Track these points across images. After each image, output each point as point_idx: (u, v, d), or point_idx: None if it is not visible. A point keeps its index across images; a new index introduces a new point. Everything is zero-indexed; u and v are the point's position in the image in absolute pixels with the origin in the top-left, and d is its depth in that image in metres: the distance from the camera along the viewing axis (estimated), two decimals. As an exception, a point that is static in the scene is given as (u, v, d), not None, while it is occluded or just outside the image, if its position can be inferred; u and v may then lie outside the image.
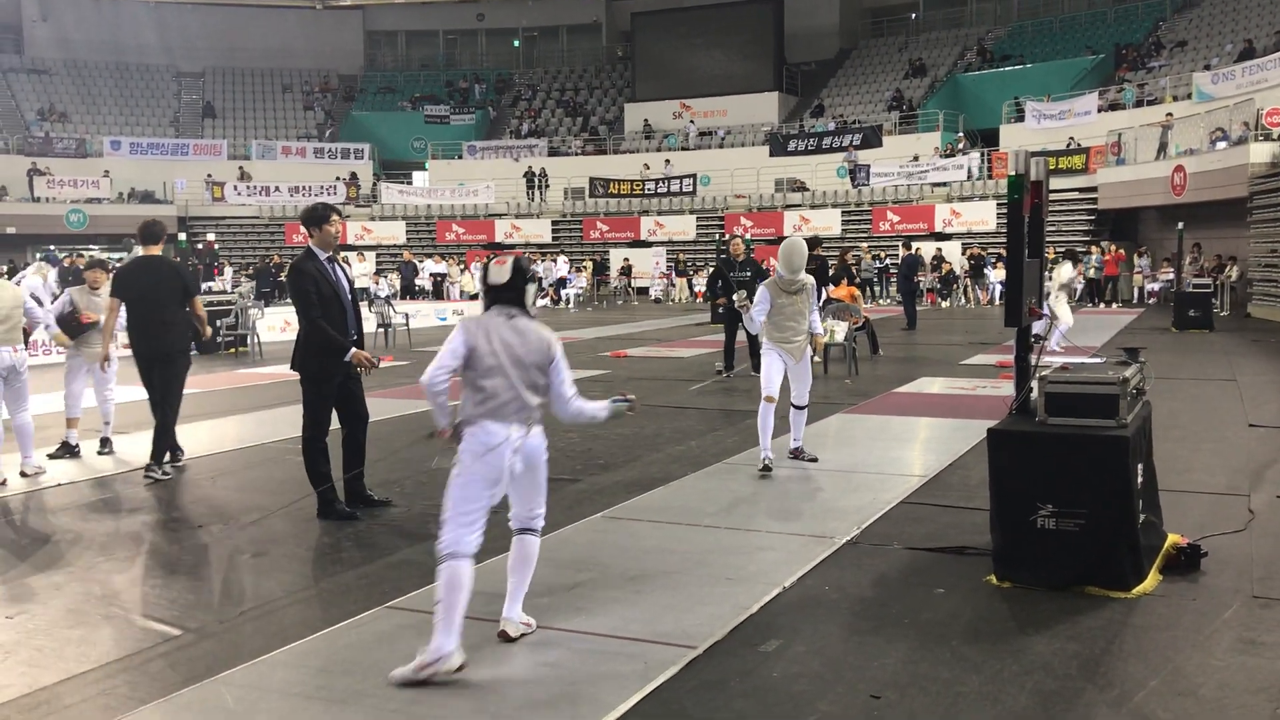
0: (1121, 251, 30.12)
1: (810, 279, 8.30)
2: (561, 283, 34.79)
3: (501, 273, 4.75)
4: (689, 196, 39.76)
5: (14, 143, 41.74)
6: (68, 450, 9.32)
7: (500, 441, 4.55)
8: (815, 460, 8.47)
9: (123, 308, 8.66)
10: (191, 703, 4.20)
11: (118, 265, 10.35)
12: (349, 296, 7.17)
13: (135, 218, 39.33)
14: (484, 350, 4.61)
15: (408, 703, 4.13)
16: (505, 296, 4.73)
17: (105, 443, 9.53)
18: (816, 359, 9.94)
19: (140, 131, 45.21)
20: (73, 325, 9.47)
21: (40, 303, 11.65)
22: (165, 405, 8.52)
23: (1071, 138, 33.57)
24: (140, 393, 8.83)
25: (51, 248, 27.79)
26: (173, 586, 5.76)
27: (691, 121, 44.06)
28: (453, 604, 4.38)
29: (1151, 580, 5.33)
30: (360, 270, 30.82)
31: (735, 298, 9.26)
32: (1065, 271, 16.60)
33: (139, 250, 9.12)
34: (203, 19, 48.82)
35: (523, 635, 4.80)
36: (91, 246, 39.33)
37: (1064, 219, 32.17)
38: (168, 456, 8.65)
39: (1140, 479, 5.43)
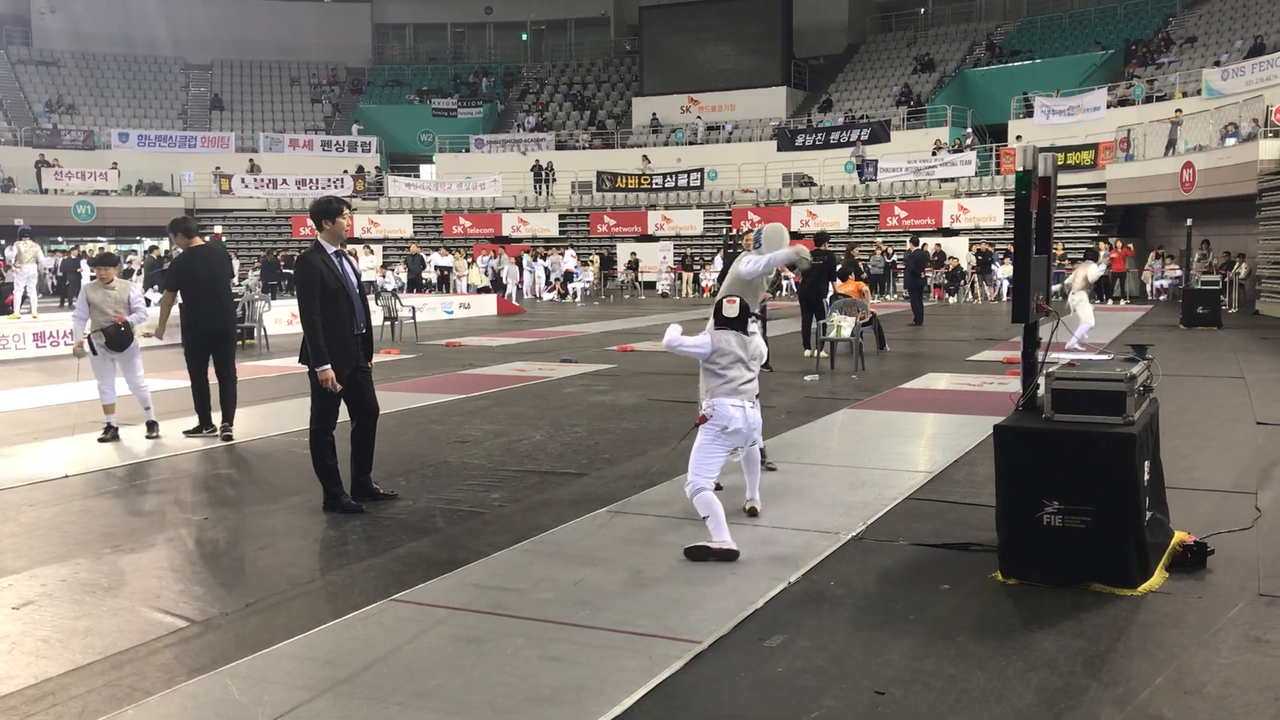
0: (1130, 248, 30.04)
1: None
2: (568, 276, 34.81)
3: (732, 309, 6.43)
4: (696, 191, 39.75)
5: (22, 134, 41.85)
6: (112, 433, 9.70)
7: (738, 413, 6.22)
8: (774, 469, 7.93)
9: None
10: (197, 694, 4.21)
11: (148, 258, 10.94)
12: (356, 290, 7.17)
13: (143, 210, 39.36)
14: (728, 353, 6.36)
15: (413, 695, 4.14)
16: (736, 323, 6.44)
17: (152, 426, 9.82)
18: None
19: (148, 123, 45.31)
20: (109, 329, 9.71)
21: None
22: (231, 375, 9.78)
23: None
24: (166, 383, 9.06)
25: (19, 221, 27.70)
26: (179, 578, 5.77)
27: (698, 117, 44.05)
28: (717, 513, 5.92)
29: (1158, 578, 5.32)
30: (368, 264, 30.84)
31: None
32: (1094, 271, 16.72)
33: (166, 244, 9.73)
34: (210, 11, 48.89)
35: (753, 509, 6.63)
36: (99, 238, 39.50)
37: (1072, 215, 32.10)
38: (201, 428, 9.78)
39: (1147, 476, 5.42)
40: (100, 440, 9.63)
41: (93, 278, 10.08)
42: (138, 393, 9.86)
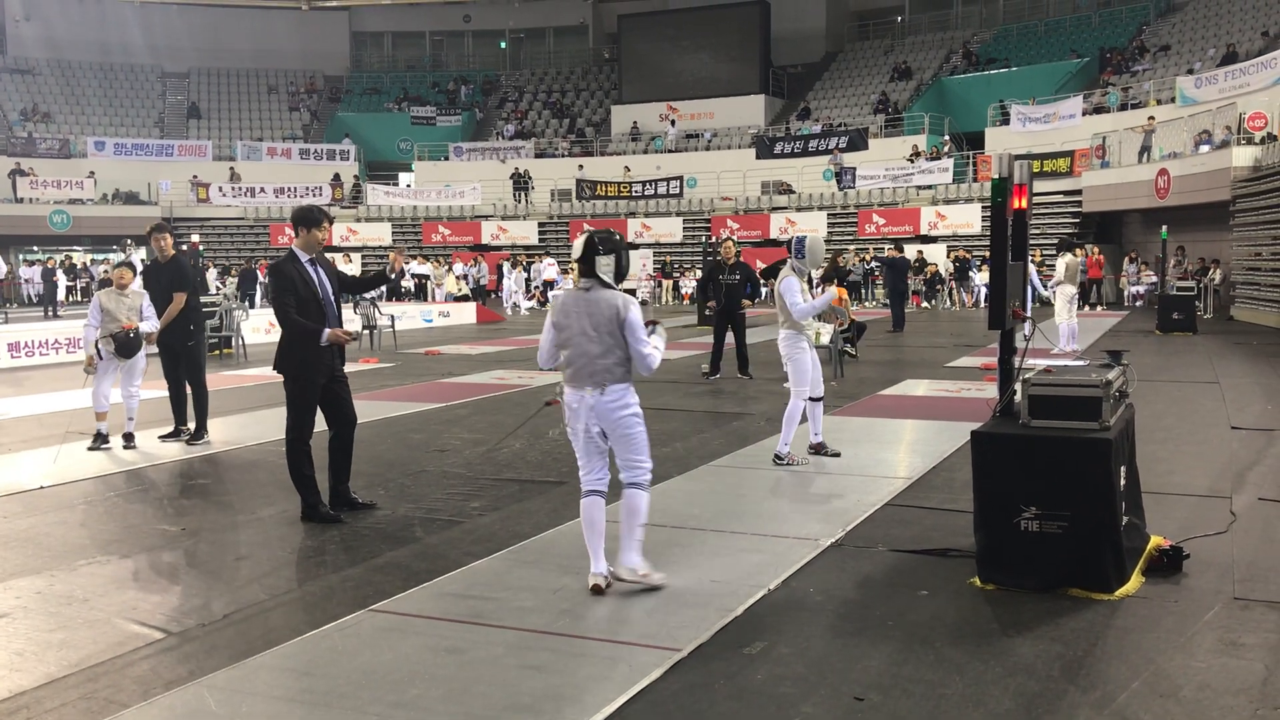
0: (1102, 256, 30.26)
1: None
2: (549, 284, 34.72)
3: (577, 247, 5.36)
4: (676, 199, 39.80)
5: (-4, 143, 41.57)
6: (102, 440, 9.73)
7: (577, 403, 5.34)
8: (839, 455, 8.76)
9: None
10: (174, 706, 4.17)
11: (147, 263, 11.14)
12: (331, 298, 7.15)
13: (119, 219, 39.23)
14: (562, 324, 5.33)
15: (390, 705, 4.12)
16: (582, 270, 5.33)
17: (129, 438, 9.78)
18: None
19: (125, 132, 45.07)
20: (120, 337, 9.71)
21: None
22: (196, 383, 10.05)
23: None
24: (148, 392, 9.18)
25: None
26: (155, 589, 5.73)
27: (672, 123, 44.09)
28: (588, 534, 5.36)
29: (1134, 582, 5.36)
30: (350, 271, 30.73)
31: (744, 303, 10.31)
32: (1072, 261, 16.91)
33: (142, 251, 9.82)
34: (188, 19, 48.68)
35: (634, 583, 5.33)
36: (75, 247, 39.23)
37: (1049, 222, 32.30)
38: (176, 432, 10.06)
39: (1123, 481, 5.45)
40: (89, 449, 9.61)
41: (102, 284, 10.11)
42: (128, 400, 9.84)
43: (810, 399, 8.72)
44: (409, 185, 45.02)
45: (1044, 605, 5.12)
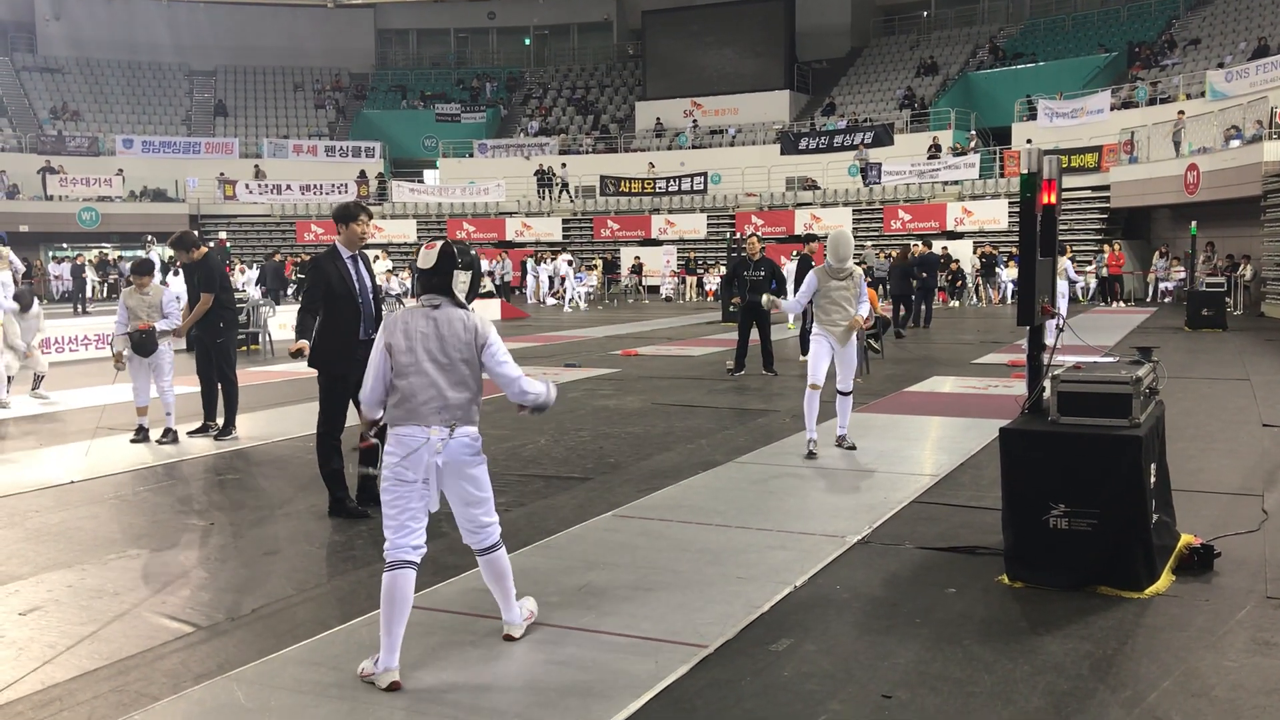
0: (1123, 253, 29.99)
1: (858, 269, 8.83)
2: (560, 280, 34.41)
3: (429, 257, 4.45)
4: (700, 195, 39.75)
5: (27, 141, 41.96)
6: (142, 435, 9.87)
7: (419, 444, 4.34)
8: (854, 449, 8.85)
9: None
10: (203, 699, 4.21)
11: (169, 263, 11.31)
12: (369, 295, 7.19)
13: (147, 216, 39.55)
14: (400, 348, 4.40)
15: (418, 699, 4.13)
16: (433, 283, 4.46)
17: (167, 433, 9.89)
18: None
19: (153, 130, 45.42)
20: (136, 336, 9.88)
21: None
22: (226, 379, 10.09)
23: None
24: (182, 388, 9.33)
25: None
26: (185, 584, 5.77)
27: (694, 122, 44.04)
28: (389, 618, 4.26)
29: (1164, 581, 5.31)
30: (379, 269, 30.87)
31: (764, 299, 10.27)
32: (1065, 264, 16.91)
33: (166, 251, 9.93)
34: (214, 18, 49.04)
35: (528, 629, 4.78)
36: (104, 244, 39.58)
37: (1076, 218, 32.07)
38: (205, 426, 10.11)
39: (1153, 479, 5.40)
40: (132, 441, 9.79)
41: (127, 281, 10.27)
42: (163, 396, 9.99)
43: (839, 392, 8.91)
44: (434, 182, 45.14)
45: (1073, 603, 5.08)
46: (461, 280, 4.48)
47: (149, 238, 32.32)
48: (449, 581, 5.57)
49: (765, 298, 10.24)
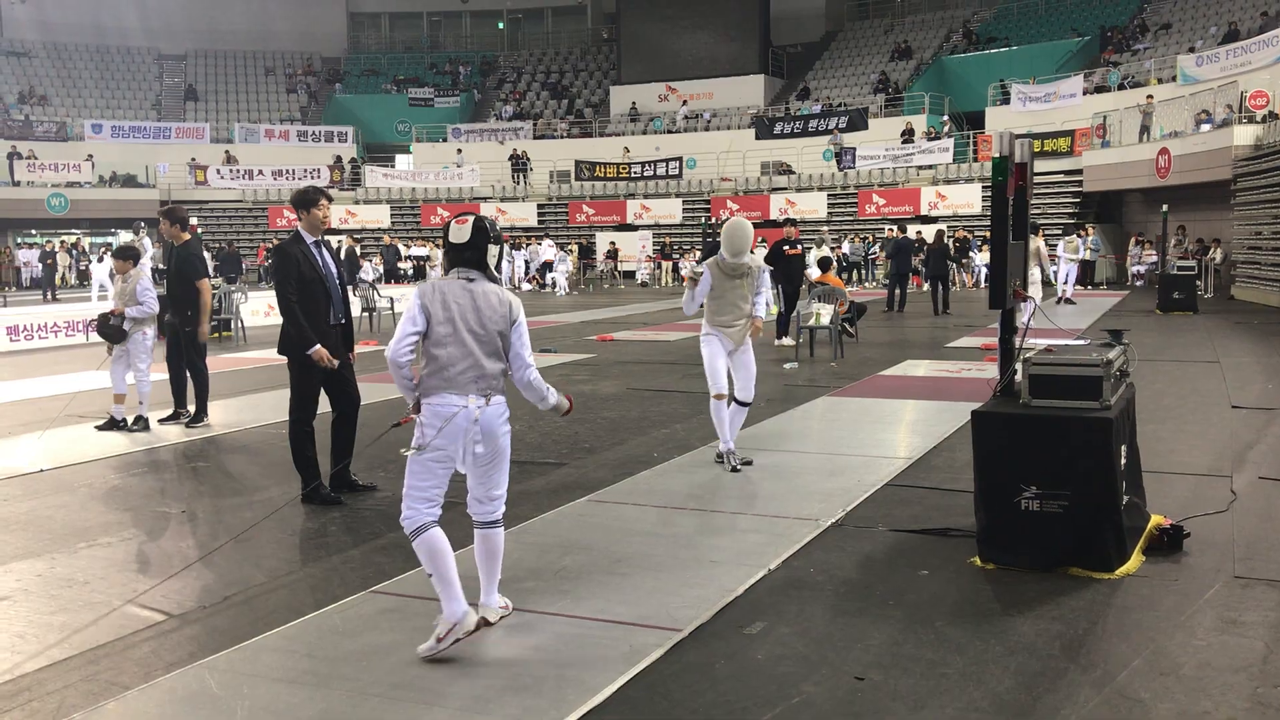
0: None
1: (757, 261, 7.84)
2: (546, 266, 34.62)
3: (462, 232, 4.55)
4: (675, 180, 39.68)
5: (-7, 126, 41.42)
6: (114, 424, 9.77)
7: (455, 411, 4.41)
8: (749, 463, 7.77)
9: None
10: (175, 688, 4.18)
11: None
12: (335, 280, 7.15)
13: (117, 202, 39.11)
14: (439, 317, 4.45)
15: (391, 686, 4.12)
16: (465, 258, 4.55)
17: (138, 420, 9.82)
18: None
19: (122, 115, 44.90)
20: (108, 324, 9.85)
21: None
22: (195, 366, 10.01)
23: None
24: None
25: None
26: (155, 572, 5.73)
27: (684, 103, 43.88)
28: (443, 570, 4.40)
29: (1134, 561, 5.36)
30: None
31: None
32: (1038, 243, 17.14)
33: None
34: (183, 0, 48.39)
35: (502, 618, 4.74)
36: (73, 230, 39.15)
37: (1049, 202, 32.23)
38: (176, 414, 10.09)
39: (1124, 460, 5.45)
40: (99, 429, 9.71)
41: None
42: (138, 384, 9.90)
43: (736, 402, 7.87)
44: (408, 167, 44.84)
45: (1044, 584, 5.12)
46: (493, 254, 4.57)
47: (140, 224, 31.91)
48: (422, 568, 5.54)
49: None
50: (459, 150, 43.20)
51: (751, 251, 7.86)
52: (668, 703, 3.98)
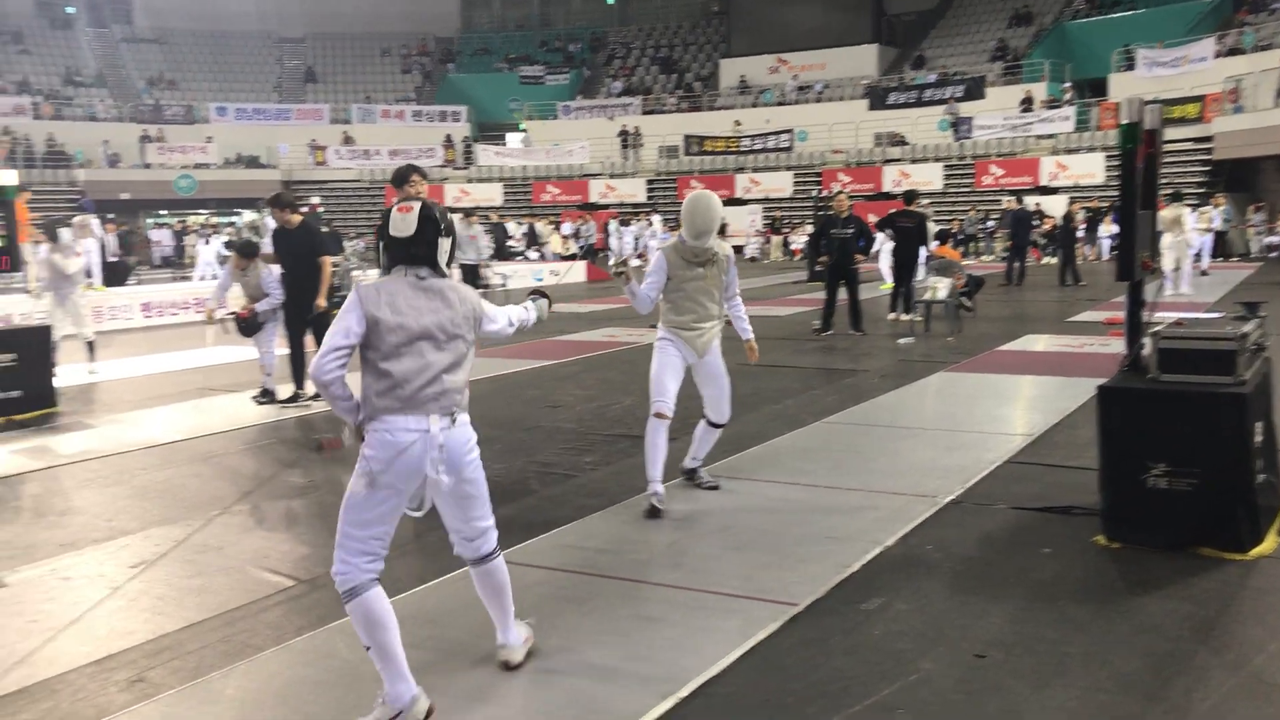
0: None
1: (726, 249, 6.23)
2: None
3: (406, 222, 3.73)
4: (785, 153, 39.26)
5: (126, 111, 43.08)
6: (269, 396, 10.13)
7: (413, 440, 3.67)
8: (716, 488, 6.52)
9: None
10: (305, 650, 4.34)
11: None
12: None
13: (241, 182, 40.30)
14: (389, 324, 3.67)
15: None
16: (413, 253, 3.75)
17: (266, 394, 10.15)
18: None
19: (244, 97, 46.25)
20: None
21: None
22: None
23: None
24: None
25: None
26: (285, 539, 5.95)
27: (795, 77, 43.30)
28: (383, 643, 3.65)
29: (1270, 542, 5.16)
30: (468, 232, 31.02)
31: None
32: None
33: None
34: (301, -16, 49.49)
35: (529, 655, 4.15)
36: (201, 210, 40.57)
37: (1176, 171, 31.00)
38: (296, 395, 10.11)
39: (1259, 438, 5.24)
40: (254, 399, 10.08)
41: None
42: (263, 358, 10.21)
43: (708, 423, 6.55)
44: (519, 145, 45.27)
45: (1173, 564, 4.97)
46: (444, 248, 3.80)
47: (263, 203, 32.82)
48: (540, 537, 5.64)
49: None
50: (569, 127, 43.45)
51: (721, 235, 6.30)
52: (783, 676, 3.98)
